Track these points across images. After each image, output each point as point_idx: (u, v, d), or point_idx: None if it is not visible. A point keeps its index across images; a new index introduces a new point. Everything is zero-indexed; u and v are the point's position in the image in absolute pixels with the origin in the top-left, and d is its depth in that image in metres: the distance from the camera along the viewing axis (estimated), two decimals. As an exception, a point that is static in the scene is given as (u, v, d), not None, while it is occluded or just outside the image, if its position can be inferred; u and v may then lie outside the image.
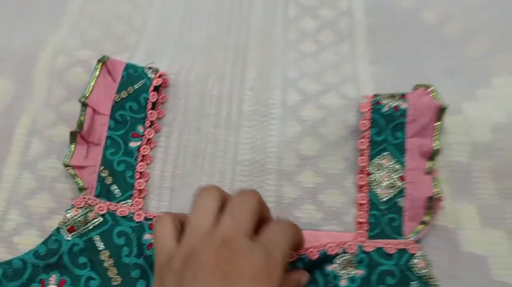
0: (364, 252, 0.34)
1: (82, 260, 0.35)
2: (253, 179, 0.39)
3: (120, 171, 0.38)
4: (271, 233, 0.30)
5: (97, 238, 0.36)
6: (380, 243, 0.34)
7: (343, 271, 0.33)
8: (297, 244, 0.32)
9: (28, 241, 0.37)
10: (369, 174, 0.37)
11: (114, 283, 0.35)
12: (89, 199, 0.37)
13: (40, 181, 0.40)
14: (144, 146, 0.40)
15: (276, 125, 0.41)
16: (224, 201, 0.31)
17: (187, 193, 0.38)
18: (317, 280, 0.34)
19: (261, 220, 0.31)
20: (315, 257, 0.33)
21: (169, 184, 0.40)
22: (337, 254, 0.34)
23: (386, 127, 0.38)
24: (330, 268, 0.34)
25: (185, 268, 0.27)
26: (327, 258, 0.34)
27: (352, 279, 0.33)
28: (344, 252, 0.34)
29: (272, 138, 0.40)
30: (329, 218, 0.37)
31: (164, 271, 0.29)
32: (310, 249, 0.34)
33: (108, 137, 0.39)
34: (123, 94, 0.41)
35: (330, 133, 0.40)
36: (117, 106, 0.40)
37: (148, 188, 0.39)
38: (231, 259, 0.27)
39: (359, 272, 0.33)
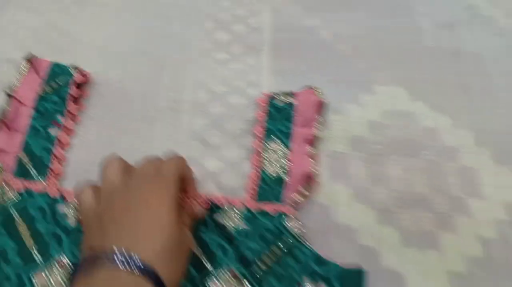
0: (249, 211, 0.41)
1: (1, 232, 0.40)
2: None
3: (38, 154, 0.43)
4: (164, 164, 0.36)
5: (14, 211, 0.41)
6: (263, 205, 0.41)
7: (230, 222, 0.40)
8: (185, 173, 0.38)
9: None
10: (260, 155, 0.44)
11: (31, 250, 0.39)
12: (6, 177, 0.42)
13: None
14: (61, 133, 0.45)
15: (186, 119, 0.48)
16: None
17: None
18: (208, 223, 0.40)
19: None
20: (206, 206, 0.41)
21: (86, 167, 0.44)
22: (227, 210, 0.40)
23: (278, 118, 0.46)
24: (219, 219, 0.40)
25: (103, 210, 0.33)
26: (215, 209, 0.41)
27: (238, 231, 0.40)
28: (232, 209, 0.41)
29: (182, 130, 0.47)
30: (227, 195, 0.43)
31: (87, 216, 0.34)
32: (202, 198, 0.41)
33: (30, 126, 0.45)
34: (48, 89, 0.47)
35: (233, 126, 0.47)
36: (41, 99, 0.46)
37: (66, 170, 0.44)
38: (135, 191, 0.33)
39: (244, 227, 0.40)
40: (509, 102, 0.50)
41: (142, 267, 0.29)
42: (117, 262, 0.29)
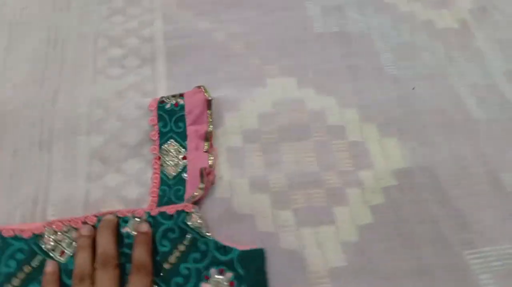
0: (150, 216, 0.43)
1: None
2: (65, 185, 0.47)
3: None
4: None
5: None
6: (163, 208, 0.43)
7: (134, 232, 0.42)
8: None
9: None
10: (160, 158, 0.47)
11: None
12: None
13: None
14: None
15: (83, 139, 0.50)
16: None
17: (8, 210, 0.46)
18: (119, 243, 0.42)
19: None
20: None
21: None
22: (128, 219, 0.43)
23: (170, 120, 0.49)
24: (124, 229, 0.43)
25: None
26: (120, 222, 0.43)
27: None
28: (134, 217, 0.43)
29: (81, 150, 0.50)
30: (131, 207, 0.46)
31: None
32: (105, 212, 0.43)
33: None
34: None
35: (131, 138, 0.50)
36: None
37: None
38: None
39: None
40: (392, 76, 0.55)
41: None
42: None
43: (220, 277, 0.41)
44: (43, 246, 0.42)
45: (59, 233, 0.43)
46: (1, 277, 0.41)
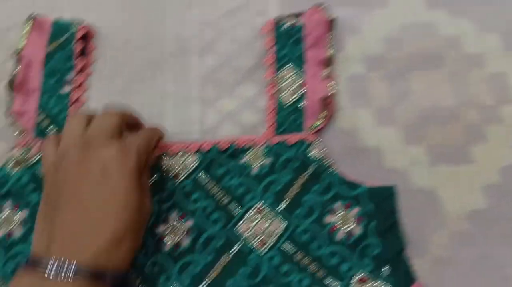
0: (270, 145, 0.42)
1: (30, 187, 0.42)
2: (179, 111, 0.46)
3: (54, 114, 0.45)
4: (130, 136, 0.37)
5: (39, 171, 0.43)
6: (283, 137, 0.42)
7: (254, 162, 0.41)
8: (152, 143, 0.39)
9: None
10: (275, 85, 0.45)
11: None
12: (28, 139, 0.44)
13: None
14: (75, 91, 0.47)
15: (196, 61, 0.48)
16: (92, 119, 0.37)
17: None
18: (233, 169, 0.42)
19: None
20: (225, 146, 0.42)
21: None
22: (247, 149, 0.42)
23: (286, 43, 0.46)
24: (242, 160, 0.42)
25: (58, 168, 0.35)
26: (238, 152, 0.42)
27: (261, 167, 0.41)
28: (253, 147, 0.42)
29: (194, 72, 0.48)
30: (246, 133, 0.44)
31: (48, 170, 0.36)
32: (221, 141, 0.42)
33: (42, 85, 0.47)
34: (54, 45, 0.48)
35: (244, 61, 0.47)
36: (48, 56, 0.47)
37: None
38: (92, 154, 0.34)
39: (267, 161, 0.41)
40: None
41: (76, 274, 0.30)
42: (48, 271, 0.30)
43: (347, 211, 0.39)
44: (158, 166, 0.42)
45: (174, 157, 0.42)
46: None
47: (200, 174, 0.42)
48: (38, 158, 0.44)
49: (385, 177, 0.41)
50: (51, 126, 0.45)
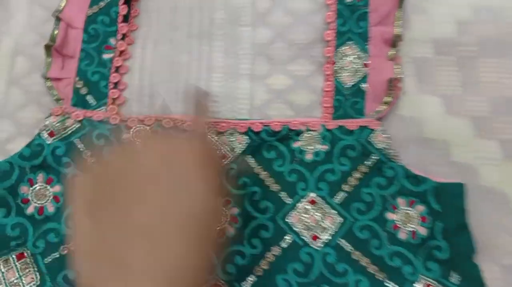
0: (327, 130, 0.39)
1: (65, 160, 0.40)
2: (227, 84, 0.44)
3: (94, 81, 0.43)
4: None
5: (77, 141, 0.41)
6: (343, 121, 0.39)
7: (309, 147, 0.39)
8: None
9: (20, 148, 0.41)
10: (334, 63, 0.41)
11: None
12: (65, 107, 0.42)
13: (28, 95, 0.45)
14: (116, 58, 0.44)
15: (247, 32, 0.45)
16: None
17: (168, 99, 0.43)
18: (284, 154, 0.39)
19: None
20: (278, 129, 0.39)
21: (148, 91, 0.44)
22: (301, 132, 0.39)
23: (350, 18, 0.42)
24: (295, 144, 0.39)
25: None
26: (291, 135, 0.39)
27: (316, 153, 0.39)
28: (308, 130, 0.39)
29: (244, 45, 0.45)
30: (299, 115, 0.42)
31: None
32: (275, 122, 0.39)
33: (82, 50, 0.44)
34: (95, 8, 0.45)
35: (300, 36, 0.44)
36: (89, 20, 0.45)
37: (129, 96, 0.44)
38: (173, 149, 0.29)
39: (323, 147, 0.38)
40: None
41: None
42: None
43: (410, 209, 0.36)
44: None
45: (222, 136, 0.40)
46: None
47: (248, 156, 0.39)
48: (75, 128, 0.42)
49: (451, 172, 0.38)
50: (90, 95, 0.43)
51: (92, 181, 0.28)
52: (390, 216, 0.36)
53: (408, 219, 0.36)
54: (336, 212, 0.37)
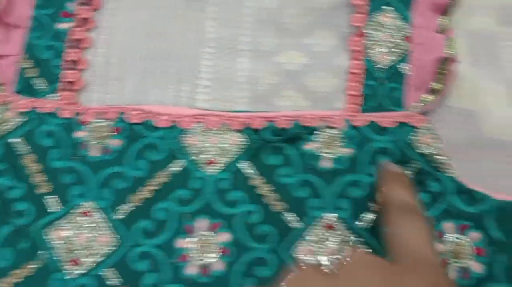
0: (354, 127, 0.37)
1: (1, 167, 0.37)
2: (221, 63, 0.41)
3: (46, 59, 0.40)
4: None
5: (17, 141, 0.38)
6: (374, 116, 0.37)
7: (326, 150, 0.36)
8: None
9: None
10: (365, 36, 0.39)
11: (43, 191, 0.36)
12: (7, 95, 0.39)
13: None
14: (76, 28, 0.41)
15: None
16: None
17: (141, 83, 0.40)
18: (292, 159, 0.36)
19: None
20: (286, 125, 0.37)
21: (116, 72, 0.41)
22: (317, 130, 0.37)
23: (390, -24, 0.40)
24: (307, 146, 0.37)
25: None
26: (303, 134, 0.37)
27: (338, 160, 0.36)
28: (327, 127, 0.37)
29: (246, 10, 0.42)
30: (316, 106, 0.39)
31: None
32: (282, 116, 0.37)
33: (33, 17, 0.41)
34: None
35: (317, 0, 0.42)
36: (41, -20, 0.42)
37: (90, 78, 0.41)
38: None
39: (347, 151, 0.36)
40: None
41: None
42: None
43: (461, 237, 0.34)
44: (186, 146, 0.37)
45: (213, 134, 0.38)
46: (127, 182, 0.36)
47: (245, 163, 0.37)
48: (16, 124, 0.39)
49: None
50: (41, 78, 0.40)
51: None
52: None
53: (458, 251, 0.34)
54: (362, 239, 0.35)
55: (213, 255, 0.35)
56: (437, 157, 0.36)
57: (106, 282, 0.34)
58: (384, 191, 0.32)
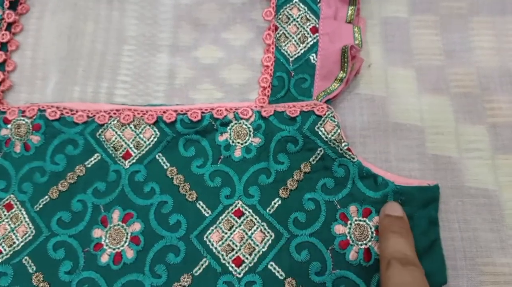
0: (262, 118, 0.36)
1: None
2: (140, 59, 0.41)
3: None
4: None
5: None
6: (281, 106, 0.36)
7: (237, 141, 0.36)
8: None
9: None
10: (276, 29, 0.39)
11: None
12: None
13: None
14: (3, 32, 0.41)
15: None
16: None
17: (62, 81, 0.40)
18: (207, 151, 0.36)
19: None
20: (197, 118, 0.36)
21: (42, 73, 0.41)
22: (227, 123, 0.36)
23: (295, -31, 0.39)
24: (221, 137, 0.36)
25: None
26: (216, 126, 0.37)
27: (247, 149, 0.36)
28: (238, 118, 0.36)
29: (165, 8, 0.42)
30: (231, 98, 0.39)
31: None
32: (194, 109, 0.37)
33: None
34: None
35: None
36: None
37: (17, 80, 0.41)
38: None
39: (255, 141, 0.36)
40: None
41: None
42: None
43: (365, 220, 0.34)
44: (102, 140, 0.37)
45: (128, 128, 0.37)
46: (45, 176, 0.36)
47: (159, 155, 0.36)
48: None
49: (426, 169, 0.36)
50: None
51: None
52: (338, 229, 0.34)
53: (361, 233, 0.34)
54: (269, 226, 0.34)
55: (124, 244, 0.34)
56: (341, 142, 0.35)
57: (23, 270, 0.34)
58: (383, 242, 0.32)
